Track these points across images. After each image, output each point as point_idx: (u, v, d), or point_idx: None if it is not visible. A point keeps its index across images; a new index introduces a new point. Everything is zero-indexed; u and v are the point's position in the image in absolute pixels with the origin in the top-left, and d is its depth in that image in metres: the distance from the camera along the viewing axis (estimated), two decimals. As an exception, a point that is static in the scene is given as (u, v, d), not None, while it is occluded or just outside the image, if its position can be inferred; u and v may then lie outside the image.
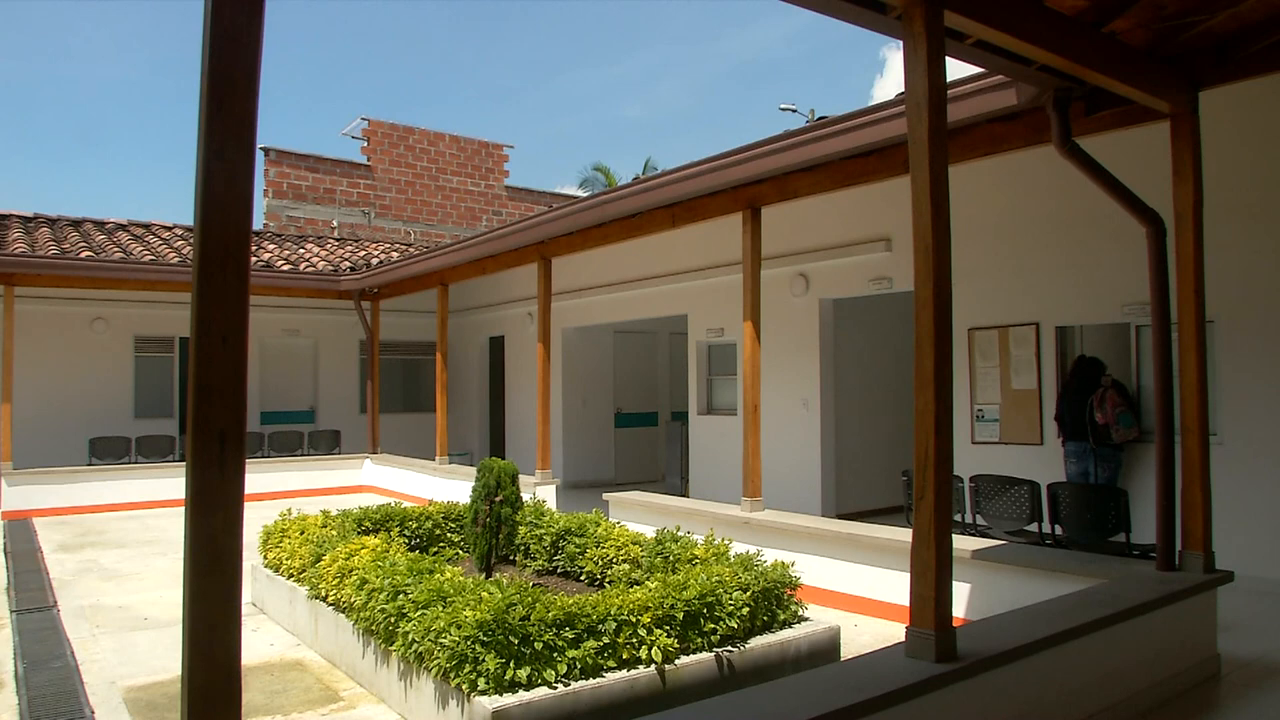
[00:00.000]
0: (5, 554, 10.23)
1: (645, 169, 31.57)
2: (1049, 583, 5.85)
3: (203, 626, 1.92)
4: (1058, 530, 6.80)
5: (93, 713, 5.21)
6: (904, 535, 6.89)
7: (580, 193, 28.10)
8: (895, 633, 6.43)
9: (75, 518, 13.16)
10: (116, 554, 10.32)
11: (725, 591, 5.18)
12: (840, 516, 10.13)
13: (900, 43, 3.99)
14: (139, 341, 17.04)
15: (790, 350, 11.51)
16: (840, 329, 11.56)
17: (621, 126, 70.73)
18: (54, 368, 15.88)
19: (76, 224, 17.38)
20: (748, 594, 5.27)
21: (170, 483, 14.22)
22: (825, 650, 5.50)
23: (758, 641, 5.22)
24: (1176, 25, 4.94)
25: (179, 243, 16.83)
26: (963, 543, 6.56)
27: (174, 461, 14.88)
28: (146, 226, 18.21)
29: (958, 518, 7.24)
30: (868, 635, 6.60)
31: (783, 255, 11.08)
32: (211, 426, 1.99)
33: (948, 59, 3.99)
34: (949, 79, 4.08)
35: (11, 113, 79.06)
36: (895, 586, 6.94)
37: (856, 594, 7.32)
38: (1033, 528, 6.92)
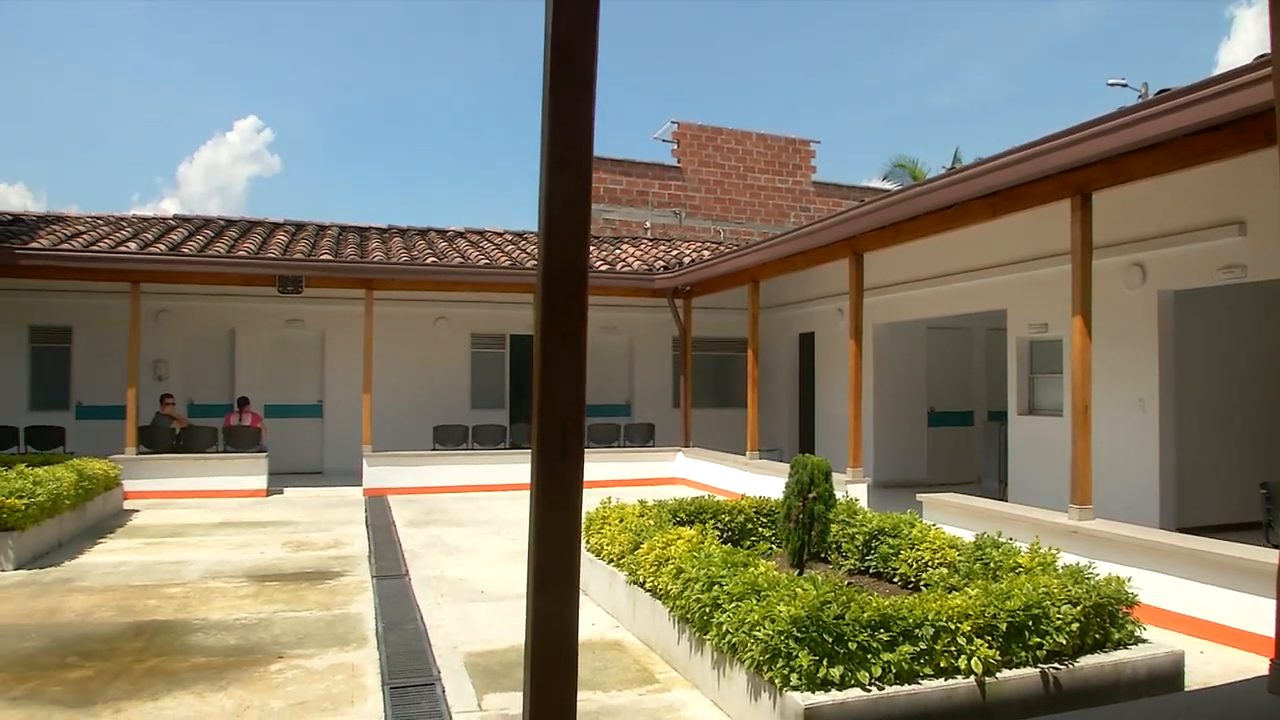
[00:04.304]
0: (367, 526, 11.54)
1: (954, 160, 30.23)
2: None
3: (545, 604, 2.05)
4: None
5: (439, 673, 5.77)
6: (1264, 555, 6.21)
7: (887, 186, 27.42)
8: (1250, 664, 5.83)
9: (421, 497, 14.57)
10: (457, 531, 11.32)
11: (1053, 604, 4.89)
12: (1181, 530, 9.23)
13: None
14: (474, 338, 18.65)
15: (1123, 347, 10.60)
16: (1183, 323, 10.51)
17: (929, 116, 67.96)
18: (404, 362, 17.75)
19: (422, 233, 19.27)
20: (1078, 608, 4.94)
21: (501, 468, 15.41)
22: (1167, 677, 5.06)
23: (1088, 660, 4.89)
24: None
25: (509, 247, 18.21)
26: (1338, 566, 5.77)
27: (505, 449, 16.13)
28: (480, 233, 19.84)
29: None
30: (1215, 664, 5.98)
31: (1113, 244, 10.21)
32: (554, 417, 2.12)
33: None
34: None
35: (370, 139, 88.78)
36: (1250, 612, 6.22)
37: (1202, 617, 6.64)
38: None
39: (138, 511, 12.61)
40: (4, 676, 5.65)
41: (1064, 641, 4.81)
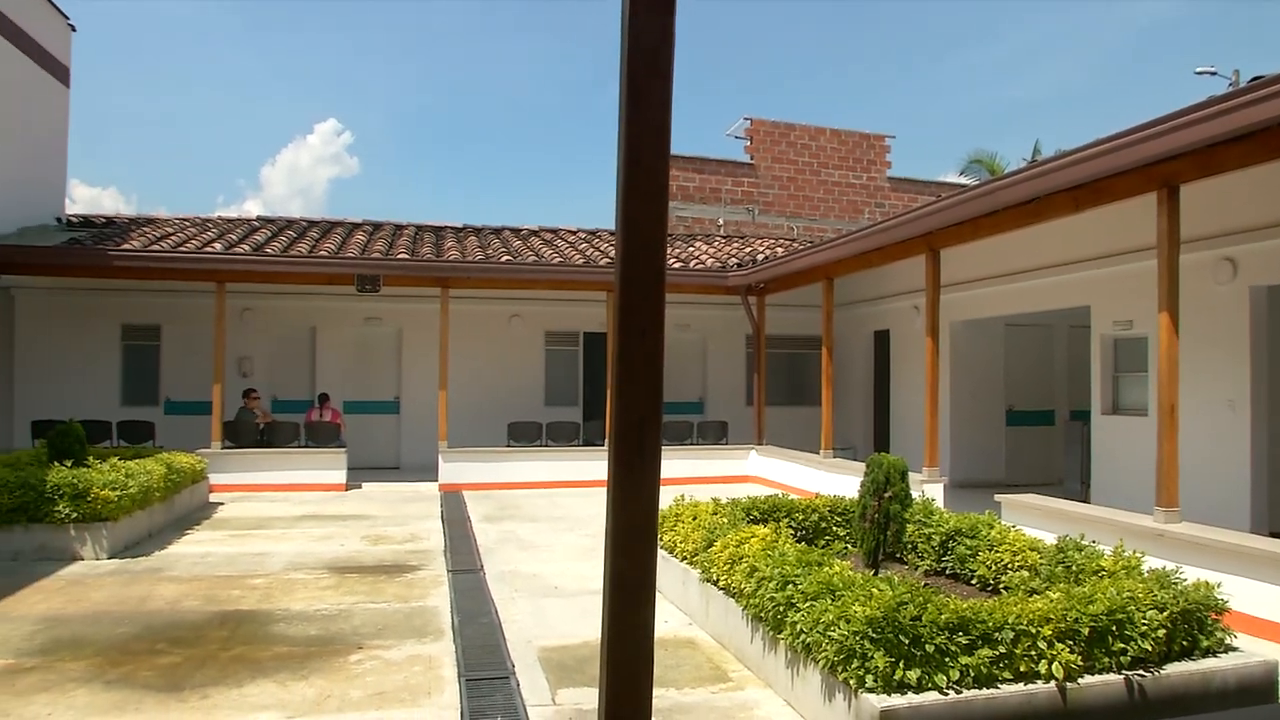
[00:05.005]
0: (442, 521, 11.71)
1: (1034, 154, 29.56)
2: None
3: (622, 600, 2.05)
4: None
5: (514, 666, 5.84)
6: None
7: (964, 181, 26.91)
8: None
9: (495, 492, 14.74)
10: (530, 527, 11.42)
11: (1138, 609, 4.76)
12: (1274, 535, 8.90)
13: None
14: (548, 336, 18.80)
15: (1212, 345, 10.25)
16: (1276, 320, 10.13)
17: (1008, 109, 66.49)
18: (479, 360, 17.96)
19: (497, 232, 19.49)
20: (1164, 614, 4.80)
21: (575, 465, 15.50)
22: (1259, 687, 4.89)
23: (1175, 668, 4.75)
24: None
25: (582, 245, 18.31)
26: None
27: (578, 446, 16.20)
28: (554, 231, 19.99)
29: None
30: (1314, 673, 5.77)
31: (1202, 238, 9.90)
32: (632, 413, 2.13)
33: None
34: None
35: (445, 139, 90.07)
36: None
37: (1299, 624, 6.42)
38: None
39: (223, 504, 12.98)
40: (100, 661, 5.87)
41: (1149, 648, 4.68)
